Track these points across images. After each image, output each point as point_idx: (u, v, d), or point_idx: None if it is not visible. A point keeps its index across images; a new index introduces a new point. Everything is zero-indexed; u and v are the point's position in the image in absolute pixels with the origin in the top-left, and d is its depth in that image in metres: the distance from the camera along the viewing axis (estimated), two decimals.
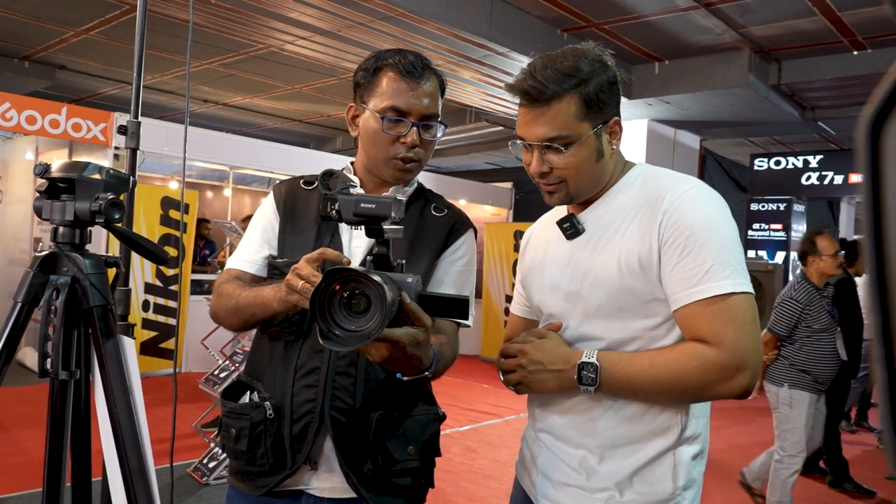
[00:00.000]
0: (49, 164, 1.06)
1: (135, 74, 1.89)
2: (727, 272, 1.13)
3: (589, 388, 1.18)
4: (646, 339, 1.20)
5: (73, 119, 6.16)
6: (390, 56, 1.39)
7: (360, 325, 1.01)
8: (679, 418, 1.20)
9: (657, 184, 1.23)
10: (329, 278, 1.00)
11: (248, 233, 1.47)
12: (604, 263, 1.21)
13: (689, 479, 1.20)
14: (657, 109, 7.47)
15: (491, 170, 12.70)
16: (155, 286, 6.67)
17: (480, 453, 4.96)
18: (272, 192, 1.49)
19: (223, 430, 1.39)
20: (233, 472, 1.43)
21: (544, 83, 1.19)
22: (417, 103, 1.36)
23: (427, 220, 1.45)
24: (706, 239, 1.14)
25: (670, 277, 1.15)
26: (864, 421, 6.72)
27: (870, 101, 0.20)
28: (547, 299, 1.33)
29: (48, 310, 1.04)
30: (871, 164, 0.20)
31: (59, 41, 7.59)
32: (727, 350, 1.11)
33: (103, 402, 1.07)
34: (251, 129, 11.55)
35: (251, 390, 1.41)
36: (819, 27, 5.88)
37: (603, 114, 1.22)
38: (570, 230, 1.29)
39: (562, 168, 1.22)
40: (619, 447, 1.21)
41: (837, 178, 9.41)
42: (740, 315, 1.12)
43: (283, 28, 5.93)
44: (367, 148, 1.41)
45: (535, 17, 6.14)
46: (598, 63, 1.23)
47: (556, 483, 1.27)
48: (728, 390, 1.13)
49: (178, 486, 3.90)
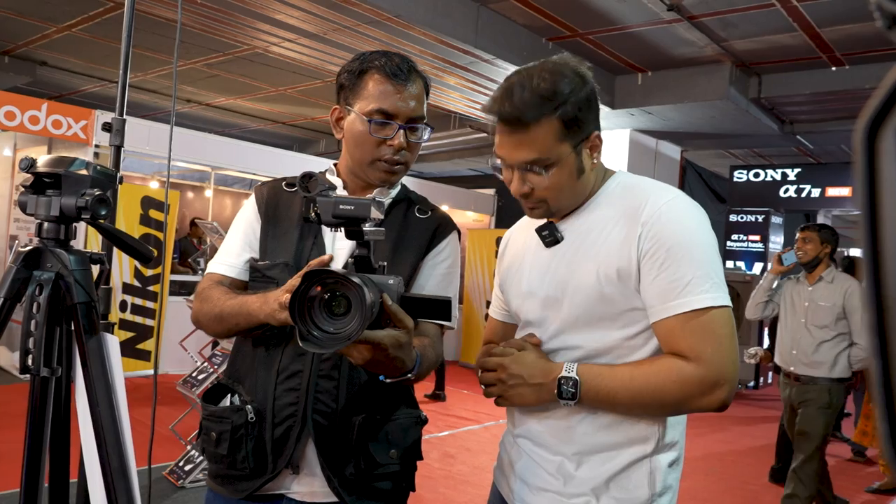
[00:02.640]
0: (35, 158, 1.05)
1: (121, 72, 1.88)
2: (707, 286, 1.13)
3: (569, 402, 1.18)
4: (623, 348, 1.20)
5: (54, 116, 6.08)
6: (376, 58, 1.38)
7: (340, 326, 1.00)
8: (656, 427, 1.20)
9: (637, 194, 1.22)
10: (308, 280, 1.00)
11: (229, 235, 1.45)
12: (582, 273, 1.21)
13: (664, 485, 1.20)
14: (640, 120, 7.55)
15: (474, 176, 12.73)
16: (133, 286, 6.59)
17: (459, 459, 4.96)
18: (254, 194, 1.47)
19: (203, 433, 1.37)
20: (212, 476, 1.41)
21: (522, 109, 1.15)
22: (404, 106, 1.36)
23: (411, 222, 1.44)
24: (686, 252, 1.14)
25: (649, 289, 1.16)
26: (837, 431, 6.81)
27: (867, 105, 0.21)
28: (524, 306, 1.33)
29: (31, 306, 1.03)
30: (868, 167, 0.21)
31: (41, 37, 7.50)
32: (706, 365, 1.11)
33: (84, 401, 1.05)
34: (234, 130, 11.48)
35: (232, 393, 1.39)
36: (799, 42, 5.99)
37: (583, 131, 1.21)
38: (548, 238, 1.28)
39: (543, 189, 1.22)
40: (596, 454, 1.21)
41: (815, 192, 9.57)
42: (718, 329, 1.13)
43: (269, 29, 5.91)
44: (352, 150, 1.40)
45: (521, 25, 6.18)
46: (577, 80, 1.19)
47: (534, 488, 1.27)
48: (707, 404, 1.13)
49: (154, 489, 3.85)
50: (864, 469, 5.72)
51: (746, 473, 5.28)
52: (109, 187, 1.09)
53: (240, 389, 1.38)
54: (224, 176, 8.34)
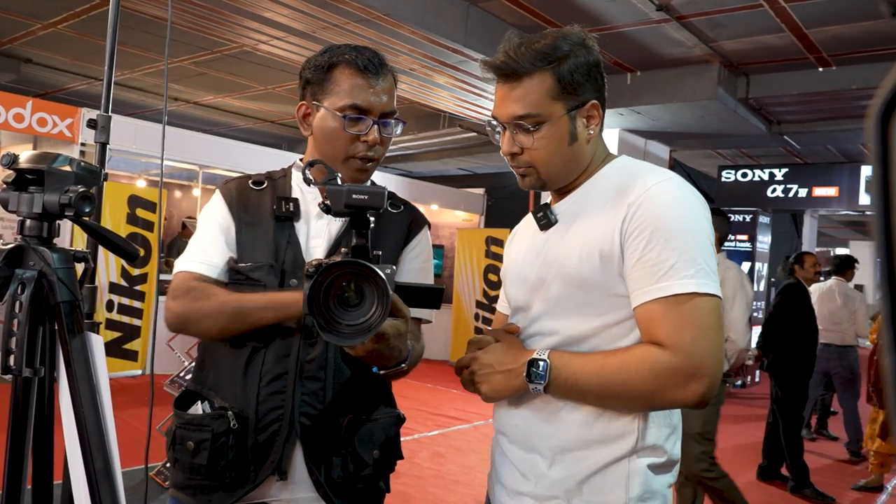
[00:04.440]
0: (17, 154, 1.03)
1: (106, 68, 1.86)
2: (691, 271, 1.06)
3: (538, 385, 1.13)
4: (604, 336, 1.14)
5: (39, 114, 6.02)
6: (345, 52, 1.34)
7: (357, 317, 1.00)
8: (636, 425, 1.13)
9: (630, 175, 1.17)
10: (329, 271, 0.98)
11: (201, 235, 1.37)
12: (566, 255, 1.16)
13: (645, 489, 1.12)
14: (629, 119, 7.56)
15: (463, 175, 12.72)
16: (120, 286, 6.53)
17: (448, 458, 4.95)
18: (220, 194, 1.40)
19: (177, 443, 1.29)
20: (179, 487, 1.32)
21: (517, 60, 1.15)
22: (377, 100, 1.33)
23: (384, 216, 1.41)
24: (672, 234, 1.07)
25: (632, 273, 1.09)
26: (823, 430, 6.86)
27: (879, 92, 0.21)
28: (514, 291, 1.30)
29: (13, 305, 1.01)
30: (881, 153, 0.20)
31: (26, 34, 7.41)
32: (682, 355, 1.04)
33: (68, 402, 1.03)
34: (223, 128, 11.40)
35: (202, 400, 1.33)
36: (786, 43, 6.02)
37: (578, 96, 1.18)
38: (542, 220, 1.24)
39: (531, 149, 1.18)
40: (571, 451, 1.15)
41: (801, 191, 9.63)
42: (700, 318, 1.05)
43: (258, 27, 5.87)
44: (322, 147, 1.36)
45: (511, 24, 6.18)
46: (579, 45, 1.18)
47: (511, 491, 1.23)
48: (682, 398, 1.06)
49: (140, 490, 3.82)
50: (852, 467, 5.77)
51: (734, 471, 5.30)
52: (93, 184, 1.07)
53: (211, 396, 1.32)
54: (212, 175, 8.28)
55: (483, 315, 9.35)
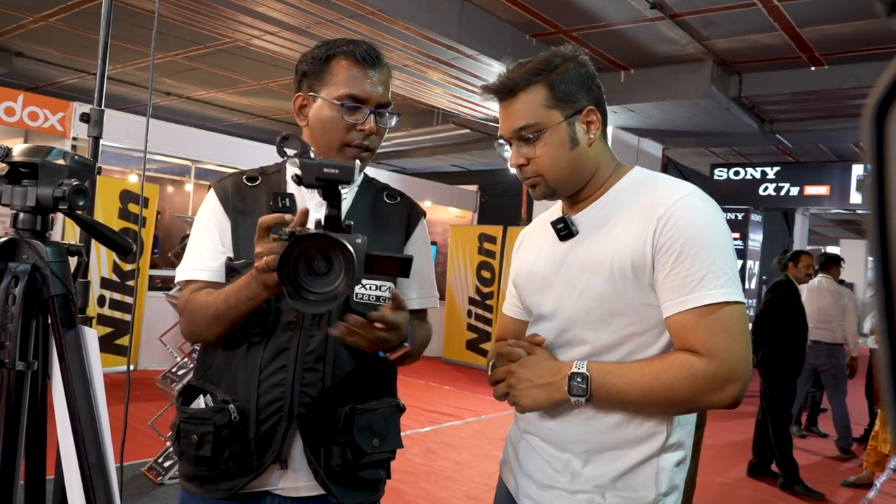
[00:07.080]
0: (10, 147, 1.02)
1: (99, 62, 1.85)
2: (721, 281, 1.12)
3: (580, 398, 1.17)
4: (634, 344, 1.20)
5: (30, 108, 5.98)
6: (342, 44, 1.38)
7: (324, 286, 1.04)
8: (664, 426, 1.20)
9: (653, 188, 1.23)
10: (298, 243, 1.03)
11: (197, 238, 1.39)
12: (595, 267, 1.21)
13: (671, 485, 1.20)
14: (622, 117, 7.58)
15: (457, 172, 12.72)
16: (111, 281, 6.51)
17: (441, 454, 4.95)
18: (214, 192, 1.42)
19: (182, 436, 1.33)
20: (187, 478, 1.37)
21: (512, 78, 1.23)
22: (374, 90, 1.36)
23: (383, 207, 1.45)
24: (701, 247, 1.13)
25: (664, 284, 1.15)
26: (813, 426, 6.91)
27: (875, 89, 0.21)
28: (538, 300, 1.33)
29: (6, 298, 1.01)
30: (877, 149, 0.20)
31: (17, 27, 7.36)
32: (718, 361, 1.10)
33: (61, 396, 1.03)
34: (215, 123, 11.36)
35: (204, 394, 1.36)
36: (779, 42, 6.04)
37: (574, 103, 1.24)
38: (563, 231, 1.29)
39: (535, 158, 1.24)
40: (604, 452, 1.21)
41: (793, 190, 9.68)
42: (732, 325, 1.12)
43: (251, 22, 5.85)
44: (318, 136, 1.38)
45: (505, 21, 6.18)
46: (571, 59, 1.26)
47: (540, 484, 1.28)
48: (718, 401, 1.13)
49: (133, 486, 3.81)
50: (842, 464, 5.81)
51: (725, 468, 5.34)
52: (87, 178, 1.06)
53: (213, 390, 1.35)
54: (205, 170, 8.25)
55: (476, 312, 9.36)
